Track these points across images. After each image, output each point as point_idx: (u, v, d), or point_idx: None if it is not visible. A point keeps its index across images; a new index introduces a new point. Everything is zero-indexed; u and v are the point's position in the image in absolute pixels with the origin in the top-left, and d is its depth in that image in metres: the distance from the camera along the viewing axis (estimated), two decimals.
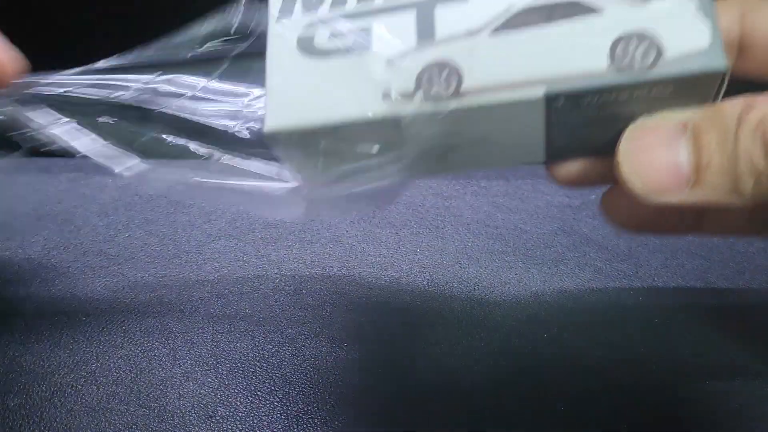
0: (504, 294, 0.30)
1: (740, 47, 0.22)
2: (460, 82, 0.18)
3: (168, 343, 0.27)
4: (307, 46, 0.20)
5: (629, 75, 0.17)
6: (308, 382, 0.25)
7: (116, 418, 0.24)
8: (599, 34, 0.18)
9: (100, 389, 0.25)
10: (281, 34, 0.20)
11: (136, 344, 0.27)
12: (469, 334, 0.28)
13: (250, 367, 0.26)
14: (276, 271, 0.32)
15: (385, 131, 0.19)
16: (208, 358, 0.26)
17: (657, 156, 0.18)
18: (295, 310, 0.29)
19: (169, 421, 0.24)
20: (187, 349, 0.27)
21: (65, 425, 0.23)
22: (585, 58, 0.18)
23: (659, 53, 0.18)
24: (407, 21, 0.19)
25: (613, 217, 0.23)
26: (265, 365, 0.26)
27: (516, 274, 0.32)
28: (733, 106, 0.18)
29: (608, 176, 0.21)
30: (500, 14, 0.19)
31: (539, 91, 0.18)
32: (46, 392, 0.25)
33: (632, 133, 0.19)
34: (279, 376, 0.26)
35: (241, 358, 0.26)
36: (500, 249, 0.33)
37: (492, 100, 0.18)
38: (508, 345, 0.27)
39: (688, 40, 0.17)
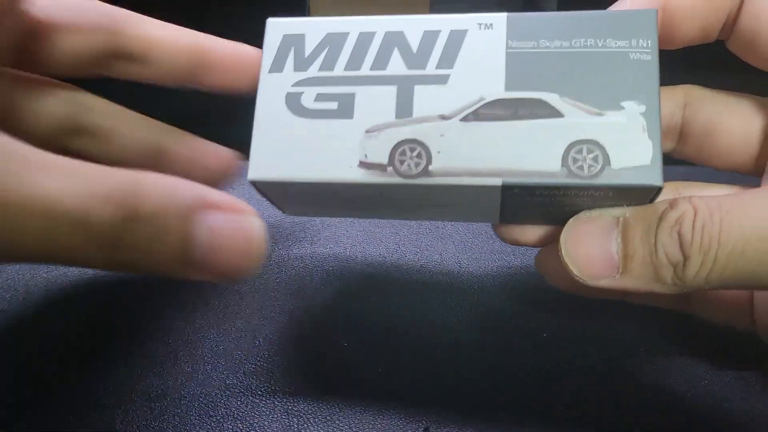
0: (504, 294, 0.30)
1: (681, 133, 0.24)
2: (428, 162, 0.21)
3: (168, 343, 0.27)
4: (294, 104, 0.22)
5: (577, 179, 0.20)
6: (309, 382, 0.25)
7: (117, 417, 0.24)
8: (557, 136, 0.20)
9: (101, 389, 0.25)
10: (271, 87, 0.22)
11: (136, 344, 0.27)
12: (469, 334, 0.28)
13: (251, 367, 0.26)
14: (276, 271, 0.32)
15: (358, 190, 0.21)
16: (208, 357, 0.26)
17: (592, 245, 0.21)
18: (295, 310, 0.29)
19: (169, 420, 0.24)
20: (187, 349, 0.27)
21: (66, 425, 0.23)
22: (541, 159, 0.20)
23: (606, 163, 0.20)
24: (388, 95, 0.22)
25: (546, 275, 0.26)
26: (265, 365, 0.26)
27: (516, 273, 0.32)
28: (658, 204, 0.20)
29: (547, 240, 0.25)
30: (473, 102, 0.21)
31: (497, 181, 0.20)
32: (46, 392, 0.25)
33: (573, 224, 0.21)
34: (279, 376, 0.26)
35: (241, 358, 0.26)
36: (500, 249, 0.33)
37: (455, 182, 0.21)
38: (509, 345, 0.27)
39: (632, 156, 0.20)
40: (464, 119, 0.21)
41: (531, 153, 0.20)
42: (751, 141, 0.24)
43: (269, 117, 0.22)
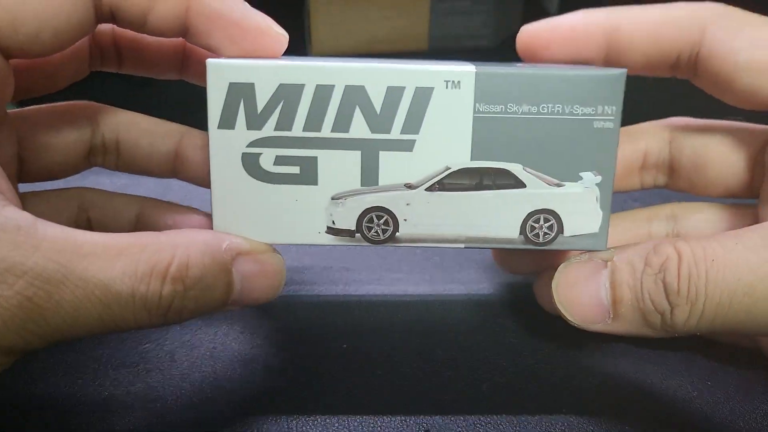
0: (505, 295, 0.30)
1: (670, 168, 0.25)
2: (395, 229, 0.22)
3: (165, 345, 0.27)
4: (252, 166, 0.21)
5: (532, 245, 0.22)
6: (308, 384, 0.25)
7: (114, 419, 0.23)
8: (518, 206, 0.21)
9: (98, 391, 0.25)
10: (224, 146, 0.21)
11: (134, 346, 0.27)
12: (470, 334, 0.28)
13: (249, 369, 0.26)
14: None
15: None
16: (206, 359, 0.26)
17: (583, 291, 0.21)
18: (295, 311, 0.29)
19: (167, 422, 0.23)
20: (184, 350, 0.27)
21: (62, 426, 0.23)
22: (501, 228, 0.22)
23: (560, 232, 0.22)
24: (353, 160, 0.21)
25: (544, 303, 0.26)
26: (264, 367, 0.26)
27: (517, 275, 0.31)
28: (643, 248, 0.20)
29: (542, 265, 0.26)
30: (438, 172, 0.21)
31: (460, 245, 0.22)
32: (43, 393, 0.25)
33: (564, 269, 0.22)
34: (279, 377, 0.25)
35: (240, 359, 0.26)
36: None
37: (420, 246, 0.22)
38: (509, 346, 0.27)
39: (584, 225, 0.22)
40: (429, 189, 0.21)
41: (492, 222, 0.22)
42: (740, 168, 0.24)
43: (227, 180, 0.21)
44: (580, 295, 0.21)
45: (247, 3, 0.22)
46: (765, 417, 0.24)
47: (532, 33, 0.23)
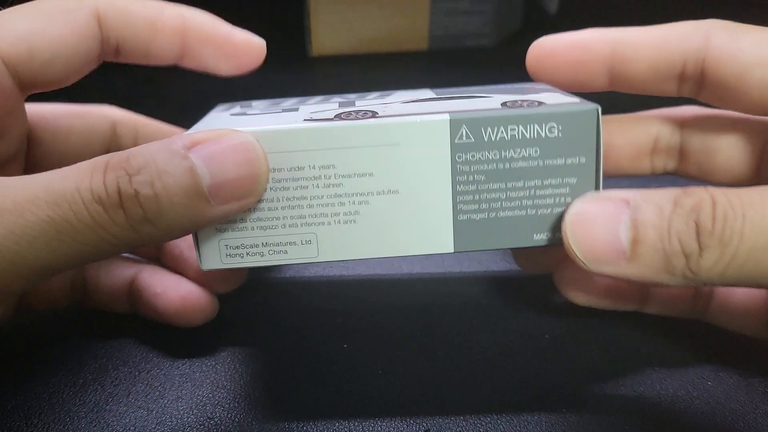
0: (506, 295, 0.30)
1: (680, 153, 0.26)
2: (375, 114, 0.21)
3: (166, 345, 0.27)
4: (239, 115, 0.23)
5: (519, 111, 0.21)
6: (308, 385, 0.25)
7: (114, 419, 0.23)
8: (491, 100, 0.22)
9: (99, 390, 0.25)
10: (214, 114, 0.24)
11: (135, 346, 0.27)
12: (471, 335, 0.28)
13: (249, 369, 0.26)
14: (275, 272, 0.32)
15: (296, 158, 0.21)
16: (206, 359, 0.26)
17: (599, 227, 0.20)
18: (295, 311, 0.29)
19: (167, 422, 0.23)
20: (185, 350, 0.27)
21: (63, 426, 0.23)
22: (483, 106, 0.21)
23: (542, 104, 0.21)
24: (331, 104, 0.24)
25: (565, 289, 0.26)
26: (264, 367, 0.26)
27: (519, 275, 0.31)
28: (670, 191, 0.19)
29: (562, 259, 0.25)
30: (411, 99, 0.24)
31: (445, 117, 0.21)
32: (44, 393, 0.25)
33: (580, 204, 0.21)
34: (278, 377, 0.25)
35: (240, 360, 0.26)
36: (502, 251, 0.33)
37: (404, 122, 0.21)
38: (510, 347, 0.27)
39: (563, 100, 0.22)
40: (405, 103, 0.23)
41: (473, 106, 0.22)
42: (749, 157, 0.24)
43: (210, 120, 0.23)
44: (595, 231, 0.20)
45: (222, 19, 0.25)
46: (765, 417, 0.24)
47: (541, 45, 0.24)
